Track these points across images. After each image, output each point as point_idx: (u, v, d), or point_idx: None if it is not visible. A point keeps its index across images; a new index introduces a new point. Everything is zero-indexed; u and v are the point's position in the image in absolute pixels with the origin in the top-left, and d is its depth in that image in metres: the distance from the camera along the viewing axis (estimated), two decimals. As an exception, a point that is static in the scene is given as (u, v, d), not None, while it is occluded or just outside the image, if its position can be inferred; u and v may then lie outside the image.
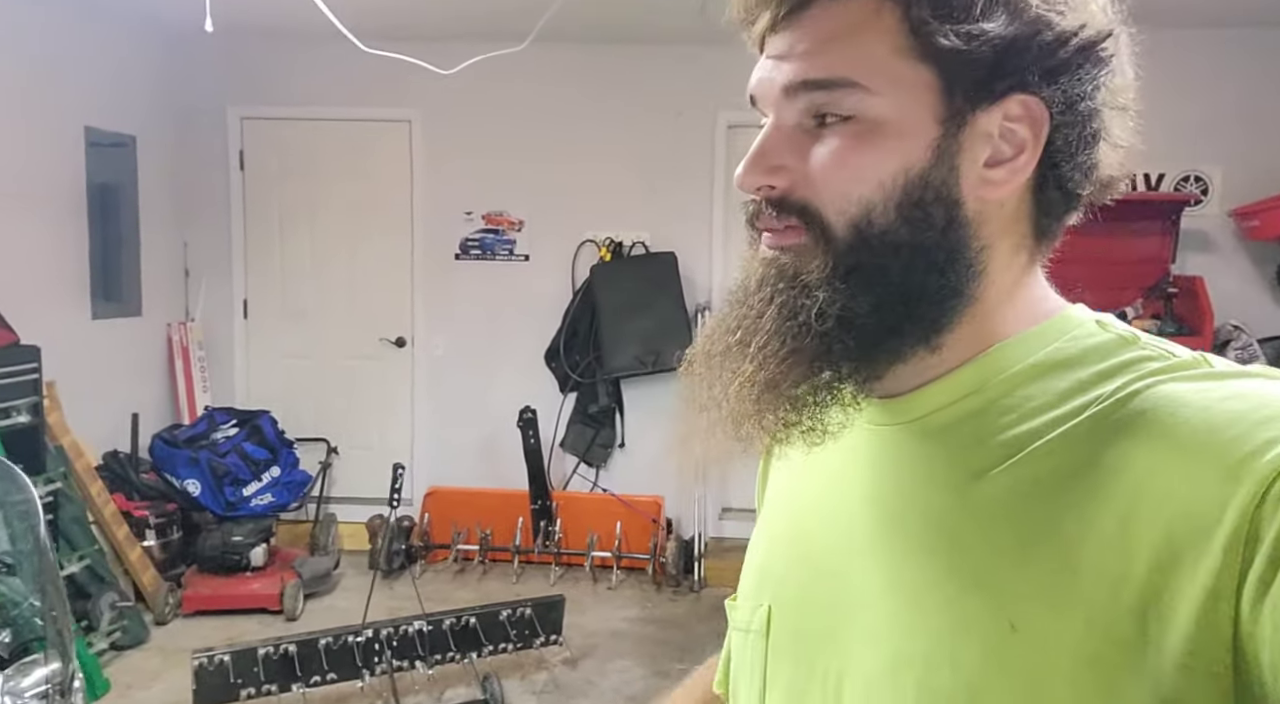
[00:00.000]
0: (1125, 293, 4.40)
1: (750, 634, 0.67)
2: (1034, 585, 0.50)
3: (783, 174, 0.57)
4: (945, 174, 0.55)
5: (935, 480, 0.57)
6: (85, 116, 4.25)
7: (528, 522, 4.50)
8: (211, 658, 2.97)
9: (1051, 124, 0.55)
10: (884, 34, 0.54)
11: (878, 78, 0.54)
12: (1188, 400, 0.50)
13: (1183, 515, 0.47)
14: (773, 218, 0.58)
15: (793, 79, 0.56)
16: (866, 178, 0.55)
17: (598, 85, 4.75)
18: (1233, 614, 0.44)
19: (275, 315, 5.07)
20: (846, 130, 0.55)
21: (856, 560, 0.59)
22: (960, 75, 0.54)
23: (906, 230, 0.55)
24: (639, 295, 4.56)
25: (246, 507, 4.35)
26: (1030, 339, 0.57)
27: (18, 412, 3.43)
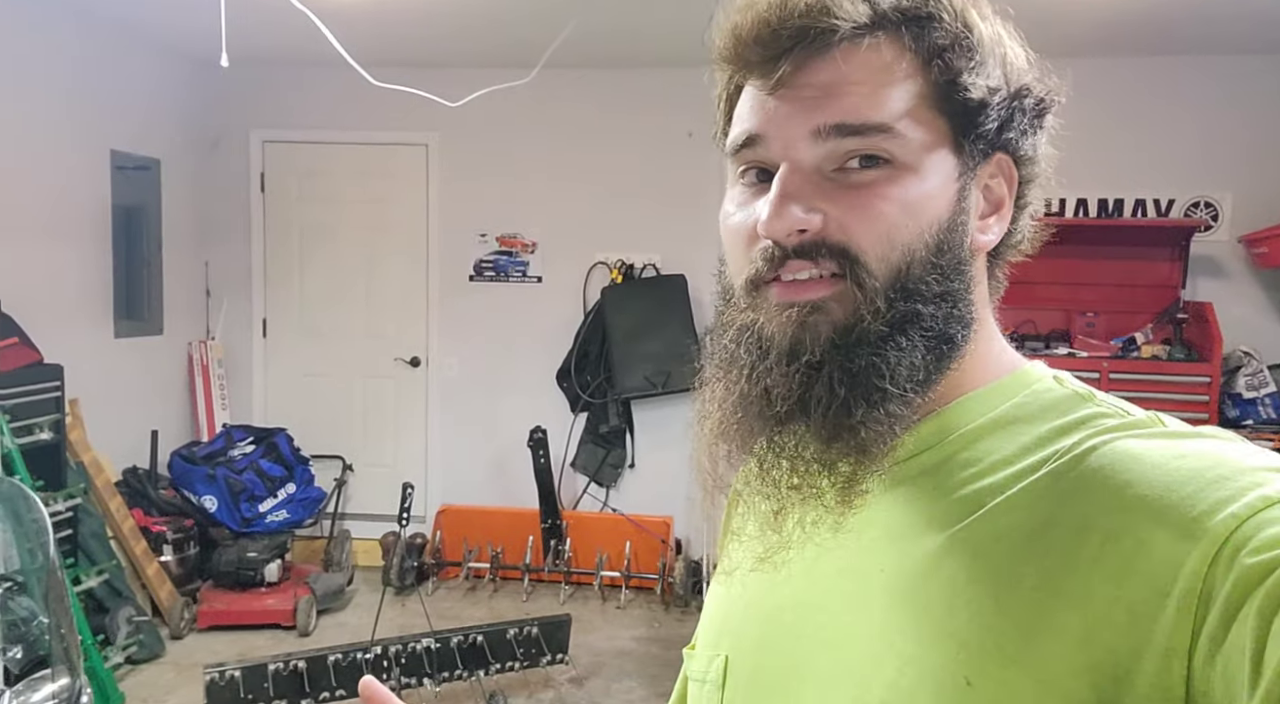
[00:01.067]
0: (1136, 318, 4.39)
1: (706, 684, 0.65)
2: (990, 642, 0.49)
3: (816, 217, 0.54)
4: (962, 225, 0.57)
5: (894, 533, 0.56)
6: (111, 141, 4.37)
7: (538, 540, 4.54)
8: (223, 673, 3.02)
9: (1019, 181, 0.59)
10: (910, 81, 0.54)
11: (909, 125, 0.54)
12: (1143, 458, 0.50)
13: (1139, 574, 0.47)
14: (808, 264, 0.55)
15: (825, 121, 0.54)
16: (908, 224, 0.54)
17: (609, 108, 4.82)
18: (1184, 673, 0.44)
19: (293, 334, 5.16)
20: (881, 174, 0.54)
21: (813, 611, 0.59)
22: (974, 128, 0.56)
23: (940, 279, 0.55)
24: (650, 317, 4.61)
25: (262, 523, 4.42)
26: (991, 394, 0.58)
27: (40, 429, 3.52)
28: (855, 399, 0.54)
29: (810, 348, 0.54)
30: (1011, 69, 0.57)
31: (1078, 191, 4.51)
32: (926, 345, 0.55)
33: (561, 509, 4.64)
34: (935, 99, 0.55)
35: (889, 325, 0.54)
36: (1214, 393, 4.09)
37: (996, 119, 0.56)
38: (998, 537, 0.52)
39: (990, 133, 0.56)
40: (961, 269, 0.57)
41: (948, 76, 0.55)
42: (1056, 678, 0.47)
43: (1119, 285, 4.45)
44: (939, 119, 0.55)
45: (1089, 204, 4.53)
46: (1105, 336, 4.40)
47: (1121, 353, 4.26)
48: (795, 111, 0.55)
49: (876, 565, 0.56)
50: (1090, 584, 0.48)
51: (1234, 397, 4.22)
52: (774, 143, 0.56)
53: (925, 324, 0.55)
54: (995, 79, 0.56)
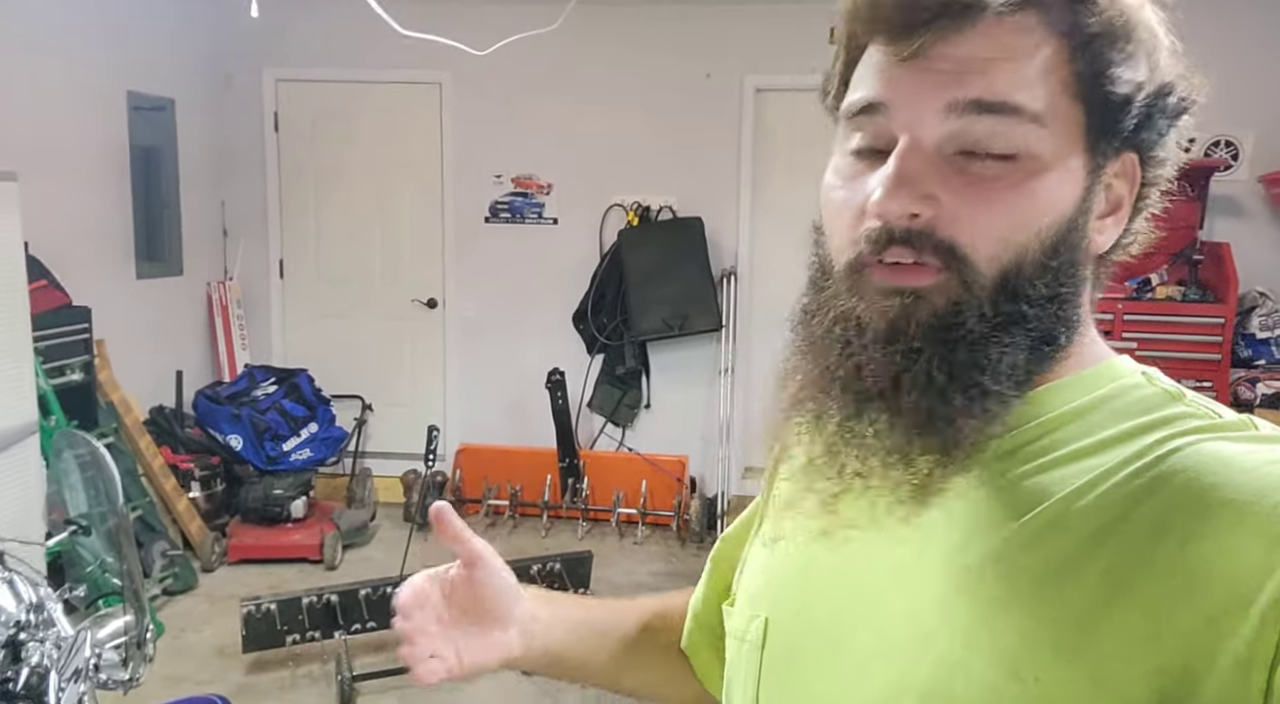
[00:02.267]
0: (1151, 259, 4.39)
1: (745, 644, 0.65)
2: (1045, 635, 0.48)
3: (931, 204, 0.52)
4: (1084, 224, 0.54)
5: (956, 517, 0.54)
6: (127, 81, 4.35)
7: (556, 479, 4.64)
8: (259, 606, 3.15)
9: (1141, 182, 0.56)
10: (1056, 66, 0.51)
11: (1048, 111, 0.51)
12: (1231, 462, 0.48)
13: (1220, 582, 0.45)
14: (910, 252, 0.52)
15: (963, 96, 0.51)
16: (1026, 224, 0.52)
17: (628, 47, 4.76)
18: (1264, 686, 0.43)
19: (310, 275, 5.20)
20: (1006, 167, 0.51)
21: (860, 586, 0.58)
22: (1112, 123, 0.52)
23: (1051, 280, 0.53)
24: (666, 260, 4.62)
25: (286, 461, 4.52)
26: (1075, 385, 0.56)
27: (71, 370, 3.60)
28: (952, 388, 0.52)
29: (911, 333, 0.52)
30: (1158, 64, 0.53)
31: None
32: (1029, 345, 0.53)
33: (579, 448, 4.73)
34: (1077, 89, 0.52)
35: (994, 325, 0.52)
36: (1228, 334, 4.11)
37: (1136, 117, 0.53)
38: (1065, 528, 0.50)
39: (1127, 131, 0.53)
40: (1074, 271, 0.54)
41: (1095, 67, 0.51)
42: (1114, 677, 0.46)
43: (1135, 227, 4.43)
44: (1077, 110, 0.52)
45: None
46: (1120, 278, 4.39)
47: (1136, 294, 4.27)
48: (929, 84, 0.52)
49: (933, 547, 0.55)
50: (1161, 586, 0.46)
51: (1247, 337, 4.24)
52: (899, 114, 0.53)
53: (1030, 326, 0.53)
54: (1142, 73, 0.52)
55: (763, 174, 4.80)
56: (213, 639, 3.46)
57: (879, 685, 0.54)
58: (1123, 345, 4.11)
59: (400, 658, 0.72)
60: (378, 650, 3.37)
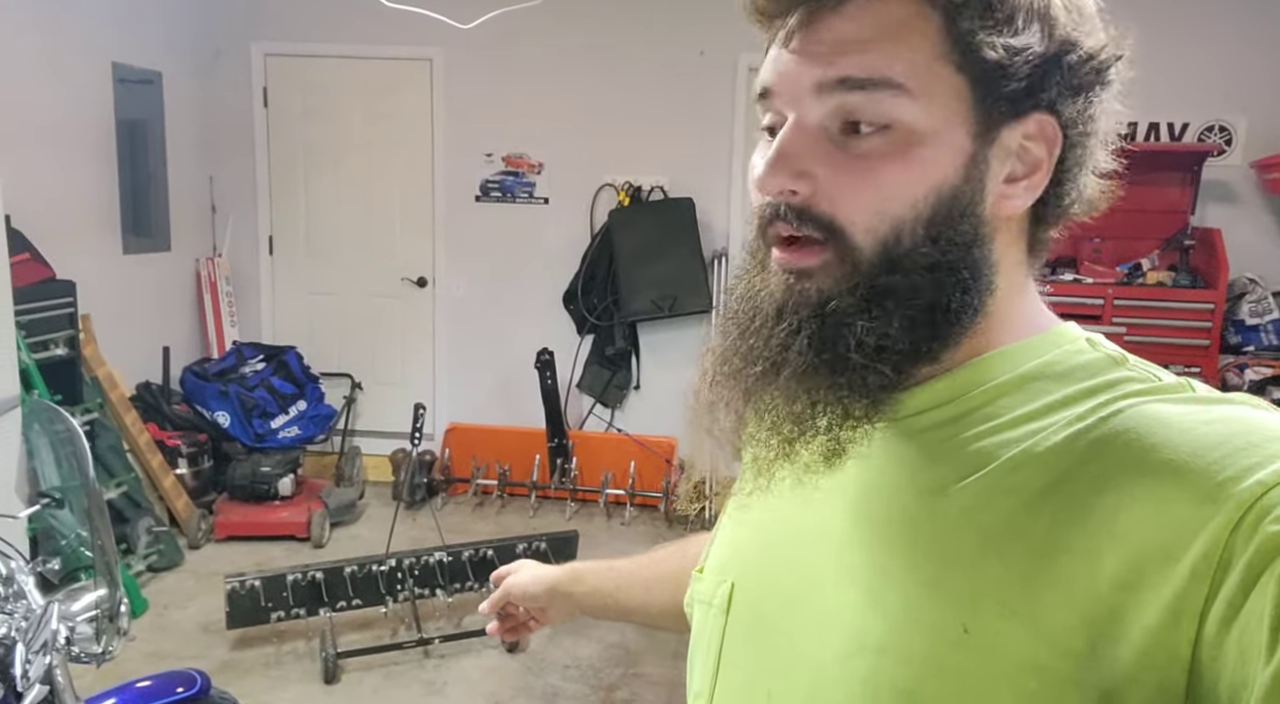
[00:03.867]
0: (1142, 243, 4.39)
1: (711, 608, 0.67)
2: (990, 590, 0.50)
3: (807, 180, 0.54)
4: (973, 190, 0.54)
5: (905, 481, 0.57)
6: (112, 53, 4.29)
7: (544, 459, 4.64)
8: (243, 582, 3.14)
9: (1063, 144, 0.56)
10: (926, 38, 0.52)
11: (918, 82, 0.52)
12: (1170, 421, 0.50)
13: (1153, 535, 0.47)
14: (791, 226, 0.55)
15: (829, 76, 0.53)
16: (899, 195, 0.53)
17: (620, 25, 4.72)
18: (1193, 637, 0.45)
19: (300, 252, 5.16)
20: (881, 142, 0.53)
21: (821, 549, 0.60)
22: (994, 89, 0.53)
23: (936, 249, 0.54)
24: (657, 240, 4.60)
25: (274, 439, 4.51)
26: (1019, 352, 0.57)
27: (55, 344, 3.57)
28: (821, 364, 0.55)
29: (795, 312, 0.56)
30: (1056, 24, 0.54)
31: (1092, 115, 4.44)
32: (909, 315, 0.54)
33: (568, 429, 4.73)
34: (954, 59, 0.53)
35: (865, 298, 0.54)
36: (1217, 320, 4.12)
37: (1024, 79, 0.53)
38: (1010, 490, 0.52)
39: (1017, 94, 0.53)
40: (966, 237, 0.55)
41: (967, 35, 0.52)
42: (1053, 631, 0.48)
43: (1128, 211, 4.42)
44: (956, 78, 0.53)
45: (1102, 128, 4.46)
46: (1112, 263, 4.40)
47: (1127, 279, 4.27)
48: (802, 65, 0.54)
49: (885, 508, 0.57)
50: (1099, 539, 0.48)
51: (1237, 323, 4.25)
52: (781, 97, 0.56)
53: (904, 296, 0.54)
54: (1027, 37, 0.53)
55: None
56: (197, 616, 3.46)
57: (836, 644, 0.56)
58: (1112, 330, 4.12)
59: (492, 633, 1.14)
60: (362, 628, 3.37)
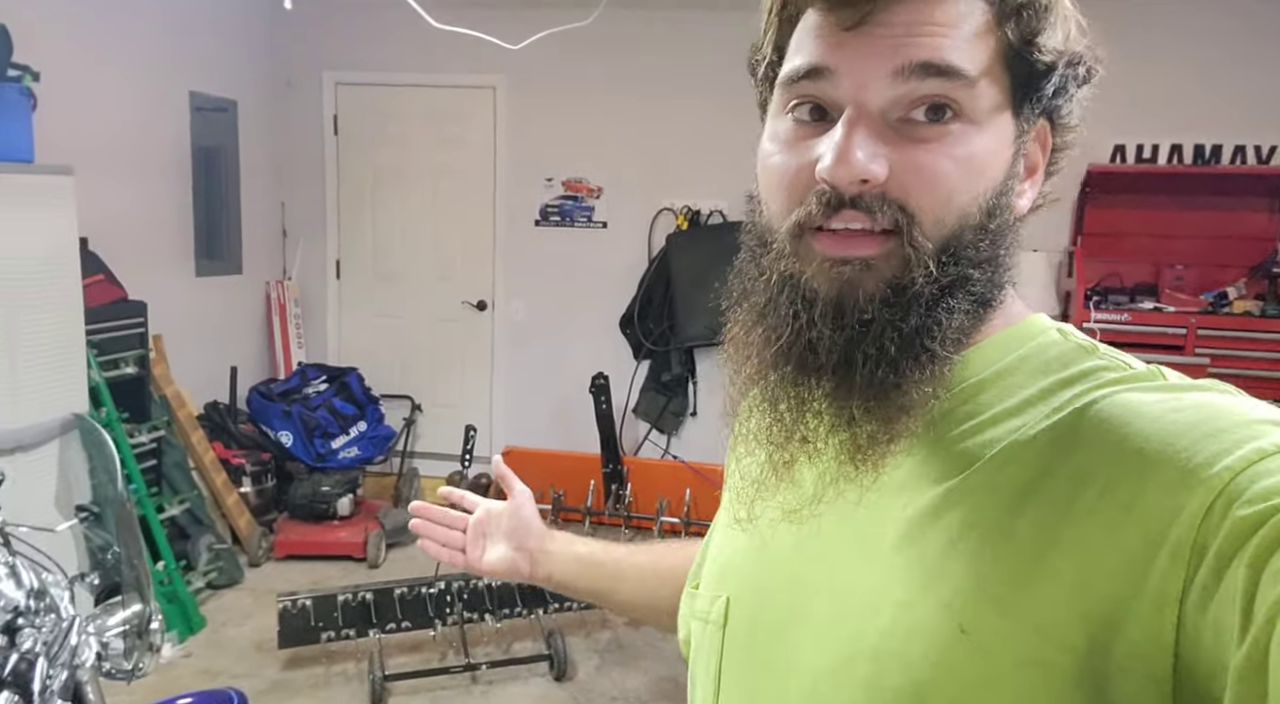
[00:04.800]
0: (1227, 272, 4.18)
1: (709, 624, 0.67)
2: (986, 590, 0.50)
3: (880, 169, 0.52)
4: (1010, 187, 0.56)
5: (895, 485, 0.56)
6: (190, 82, 4.45)
7: (599, 484, 4.60)
8: (295, 602, 3.16)
9: (1052, 145, 0.58)
10: (989, 34, 0.53)
11: (985, 77, 0.53)
12: (1142, 411, 0.50)
13: (1135, 524, 0.47)
14: (866, 216, 0.53)
15: (911, 59, 0.52)
16: (969, 187, 0.53)
17: (676, 50, 4.71)
18: (1175, 621, 0.45)
19: (365, 276, 5.26)
20: (953, 132, 0.53)
21: (814, 558, 0.60)
22: (1030, 90, 0.55)
23: (989, 243, 0.55)
24: (715, 265, 4.43)
25: (335, 459, 4.57)
26: (995, 346, 0.58)
27: (125, 363, 3.68)
28: (905, 357, 0.53)
29: (862, 305, 0.53)
30: (1070, 34, 0.56)
31: (1172, 137, 4.27)
32: (970, 308, 0.55)
33: (623, 455, 4.68)
34: (1005, 56, 0.54)
35: (941, 288, 0.53)
36: (1309, 352, 3.88)
37: (1054, 84, 0.55)
38: (995, 488, 0.52)
39: (1045, 96, 0.55)
40: (1006, 233, 0.56)
41: (1023, 35, 0.53)
42: (1050, 624, 0.48)
43: (1212, 237, 4.23)
44: (1006, 77, 0.54)
45: (1184, 150, 4.28)
46: (1195, 291, 4.19)
47: (1211, 308, 4.06)
48: (874, 49, 0.52)
49: (878, 516, 0.57)
50: (1085, 533, 0.48)
51: (1330, 357, 3.99)
52: (845, 80, 0.53)
53: (973, 288, 0.54)
54: (1061, 42, 0.55)
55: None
56: (252, 634, 3.49)
57: (834, 651, 0.56)
58: (1195, 361, 3.92)
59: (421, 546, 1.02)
60: (411, 651, 3.36)
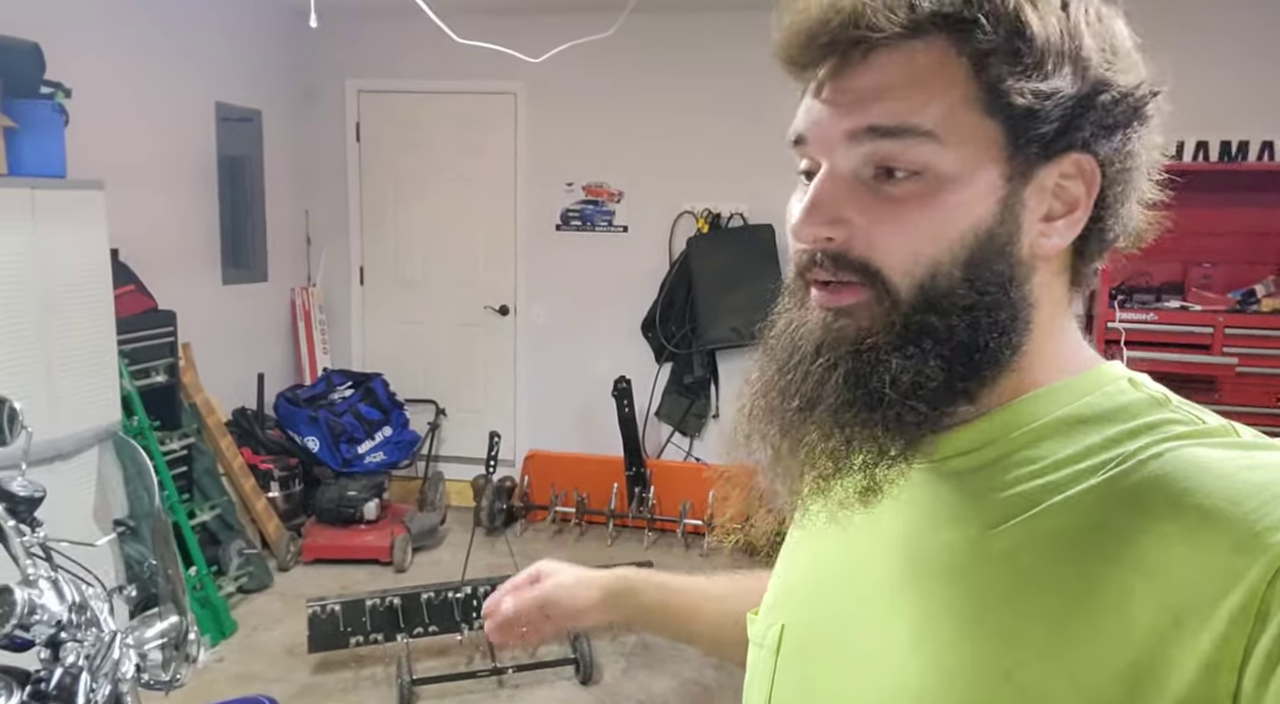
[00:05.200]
0: (1256, 269, 4.13)
1: (763, 649, 0.69)
2: (1031, 637, 0.50)
3: (842, 227, 0.55)
4: (1010, 231, 0.55)
5: (948, 523, 0.57)
6: (216, 93, 4.52)
7: (623, 487, 4.62)
8: (324, 607, 3.20)
9: (1102, 181, 0.56)
10: (954, 85, 0.53)
11: (948, 129, 0.53)
12: (1208, 467, 0.49)
13: (1189, 583, 0.46)
14: (829, 272, 0.56)
15: (859, 124, 0.54)
16: (935, 238, 0.54)
17: (696, 54, 4.71)
18: (1233, 689, 0.44)
19: (388, 282, 5.31)
20: (914, 187, 0.53)
21: (866, 591, 0.61)
22: (1026, 132, 0.54)
23: (973, 290, 0.54)
24: (736, 267, 4.56)
25: (361, 463, 4.62)
26: (1060, 392, 0.57)
27: (156, 372, 3.74)
28: (856, 400, 0.55)
29: (833, 348, 0.56)
30: (1089, 65, 0.53)
31: (1198, 134, 4.22)
32: (946, 355, 0.55)
33: (646, 457, 4.70)
34: (984, 103, 0.53)
35: (901, 337, 0.55)
36: (1341, 351, 3.83)
37: (1056, 121, 0.53)
38: (1050, 535, 0.52)
39: (1050, 136, 0.53)
40: (1002, 277, 0.55)
41: (995, 81, 0.53)
42: (1091, 678, 0.48)
43: (1241, 234, 4.18)
44: (987, 123, 0.53)
45: (1210, 147, 4.24)
46: (1223, 289, 4.15)
47: (1239, 307, 4.02)
48: (833, 115, 0.55)
49: (928, 554, 0.57)
50: (1134, 587, 0.48)
51: (1362, 354, 3.94)
52: (814, 145, 0.57)
53: (941, 336, 0.55)
54: (1057, 80, 0.53)
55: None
56: (283, 639, 3.54)
57: (880, 687, 0.56)
58: (1222, 360, 3.89)
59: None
60: (439, 655, 3.40)
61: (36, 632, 1.36)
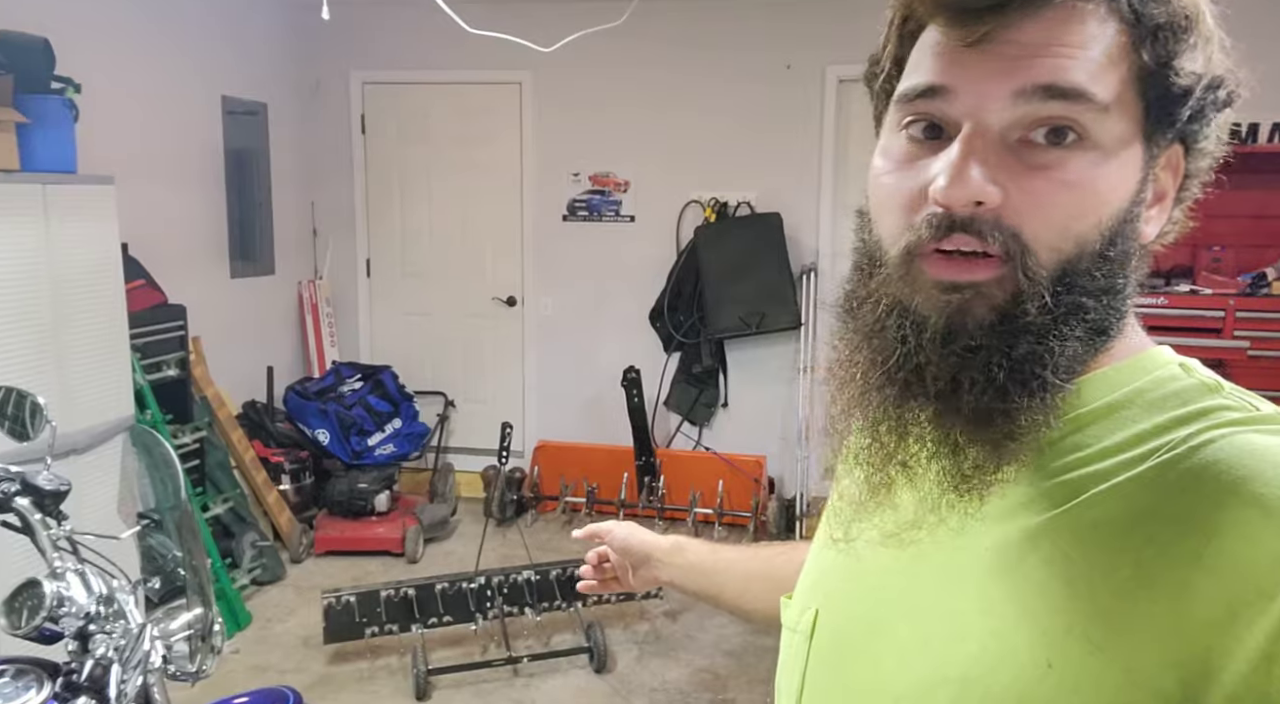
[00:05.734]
0: (1267, 252, 4.12)
1: (796, 634, 0.68)
2: (1078, 628, 0.49)
3: (996, 191, 0.50)
4: (1134, 215, 0.54)
5: (993, 511, 0.55)
6: (222, 87, 4.51)
7: (633, 477, 4.63)
8: (339, 598, 3.22)
9: (1184, 173, 0.56)
10: (1120, 55, 0.51)
11: (1115, 101, 0.51)
12: (1264, 454, 0.48)
13: (1245, 575, 0.45)
14: (976, 241, 0.51)
15: (1034, 81, 0.50)
16: (1088, 214, 0.51)
17: (706, 41, 4.70)
18: None
19: (396, 274, 5.31)
20: (1075, 157, 0.51)
21: (903, 578, 0.60)
22: (1164, 114, 0.52)
23: (1108, 271, 0.52)
24: (743, 256, 4.55)
25: (371, 456, 4.63)
26: (1110, 377, 0.55)
27: (167, 366, 3.75)
28: (1014, 384, 0.51)
29: (970, 331, 0.52)
30: (1211, 56, 0.53)
31: (1207, 117, 4.20)
32: (1085, 337, 0.53)
33: (655, 447, 4.70)
34: (1138, 80, 0.52)
35: (1055, 317, 0.51)
36: (1352, 334, 3.82)
37: (1190, 109, 0.53)
38: (1097, 524, 0.51)
39: (1180, 123, 0.53)
40: (1127, 262, 0.54)
41: (1160, 58, 0.51)
42: (1143, 669, 0.47)
43: (1251, 217, 4.16)
44: (1138, 102, 0.52)
45: (1219, 130, 4.22)
46: (1233, 272, 4.13)
47: (1250, 290, 4.00)
48: (996, 68, 0.51)
49: (970, 542, 0.56)
50: (1188, 578, 0.47)
51: (1373, 337, 3.93)
52: (963, 99, 0.52)
53: (1088, 317, 0.52)
54: (1200, 66, 0.52)
55: (845, 168, 4.68)
56: (298, 630, 3.56)
57: (918, 675, 0.55)
58: (1233, 344, 3.88)
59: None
60: (453, 644, 3.41)
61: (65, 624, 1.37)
